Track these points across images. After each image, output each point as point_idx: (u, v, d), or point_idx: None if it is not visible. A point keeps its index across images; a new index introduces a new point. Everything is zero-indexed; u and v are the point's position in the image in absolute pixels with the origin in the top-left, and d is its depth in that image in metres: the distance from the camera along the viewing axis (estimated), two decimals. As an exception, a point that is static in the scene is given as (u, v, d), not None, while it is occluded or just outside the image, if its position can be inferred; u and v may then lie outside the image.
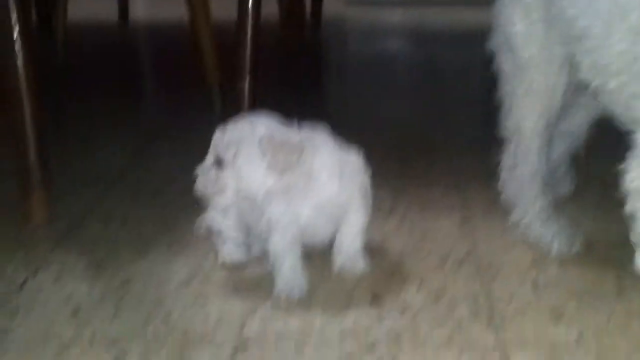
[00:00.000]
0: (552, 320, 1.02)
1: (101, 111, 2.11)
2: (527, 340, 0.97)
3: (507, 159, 1.27)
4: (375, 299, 1.08)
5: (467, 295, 1.09)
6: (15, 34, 1.26)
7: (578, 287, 1.11)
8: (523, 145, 1.23)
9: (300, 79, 2.46)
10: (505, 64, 1.24)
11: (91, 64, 2.74)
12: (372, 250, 1.23)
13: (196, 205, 1.19)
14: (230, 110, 1.80)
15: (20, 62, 1.27)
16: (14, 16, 1.25)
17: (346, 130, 1.18)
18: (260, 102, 1.70)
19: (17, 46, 1.26)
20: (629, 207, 1.02)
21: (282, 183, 1.09)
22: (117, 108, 2.16)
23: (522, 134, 1.23)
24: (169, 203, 1.43)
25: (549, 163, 1.27)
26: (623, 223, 1.04)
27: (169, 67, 2.66)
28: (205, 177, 1.13)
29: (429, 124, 1.96)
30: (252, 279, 1.14)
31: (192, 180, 1.18)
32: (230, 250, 1.18)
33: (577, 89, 1.20)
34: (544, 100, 1.20)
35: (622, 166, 1.03)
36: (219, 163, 1.12)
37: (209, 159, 1.14)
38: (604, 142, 1.30)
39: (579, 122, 1.33)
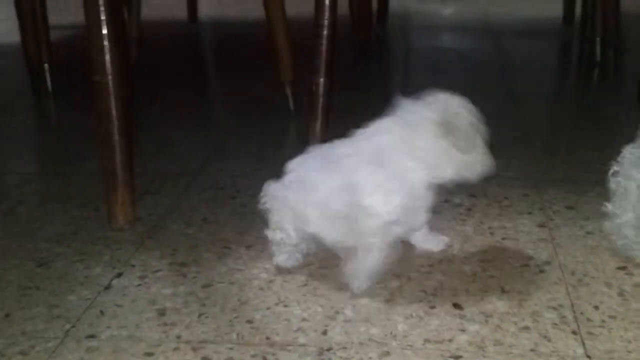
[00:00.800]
0: (641, 331, 1.00)
1: (174, 109, 2.14)
2: (616, 352, 0.95)
3: (617, 166, 1.22)
4: (457, 305, 1.07)
5: (551, 302, 1.07)
6: (104, 30, 1.27)
7: (666, 296, 1.08)
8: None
9: (367, 75, 2.46)
10: None
11: (164, 61, 2.79)
12: (450, 253, 1.23)
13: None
14: (304, 108, 1.81)
15: (108, 58, 1.28)
16: (103, 15, 1.27)
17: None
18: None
19: (106, 42, 1.28)
20: None
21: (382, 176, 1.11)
22: (190, 106, 2.19)
23: None
24: (245, 203, 1.44)
25: None
26: None
27: (239, 65, 2.68)
28: None
29: (501, 121, 1.93)
30: (332, 283, 1.14)
31: (266, 180, 1.21)
32: (284, 257, 1.19)
33: None
34: None
35: None
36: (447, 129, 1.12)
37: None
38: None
39: None
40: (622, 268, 1.16)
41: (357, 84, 2.30)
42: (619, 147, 1.22)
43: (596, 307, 1.06)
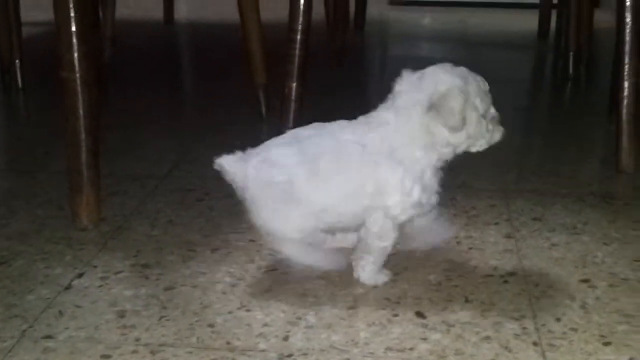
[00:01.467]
0: (601, 344, 1.00)
1: (146, 109, 2.13)
2: (575, 364, 0.96)
3: None
4: (420, 314, 1.07)
5: (513, 313, 1.07)
6: (73, 27, 1.26)
7: (628, 309, 1.09)
8: None
9: (342, 82, 2.46)
10: None
11: (138, 62, 2.77)
12: (416, 262, 1.22)
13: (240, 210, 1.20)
14: (276, 111, 1.80)
15: (76, 55, 1.27)
16: (72, 12, 1.26)
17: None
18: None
19: (75, 39, 1.26)
20: None
21: None
22: (162, 107, 2.17)
23: None
24: (213, 206, 1.43)
25: None
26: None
27: (213, 67, 2.67)
28: None
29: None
30: (295, 289, 1.14)
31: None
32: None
33: None
34: None
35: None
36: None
37: None
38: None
39: None
40: (585, 281, 1.17)
41: (330, 90, 2.30)
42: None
43: (558, 319, 1.06)
